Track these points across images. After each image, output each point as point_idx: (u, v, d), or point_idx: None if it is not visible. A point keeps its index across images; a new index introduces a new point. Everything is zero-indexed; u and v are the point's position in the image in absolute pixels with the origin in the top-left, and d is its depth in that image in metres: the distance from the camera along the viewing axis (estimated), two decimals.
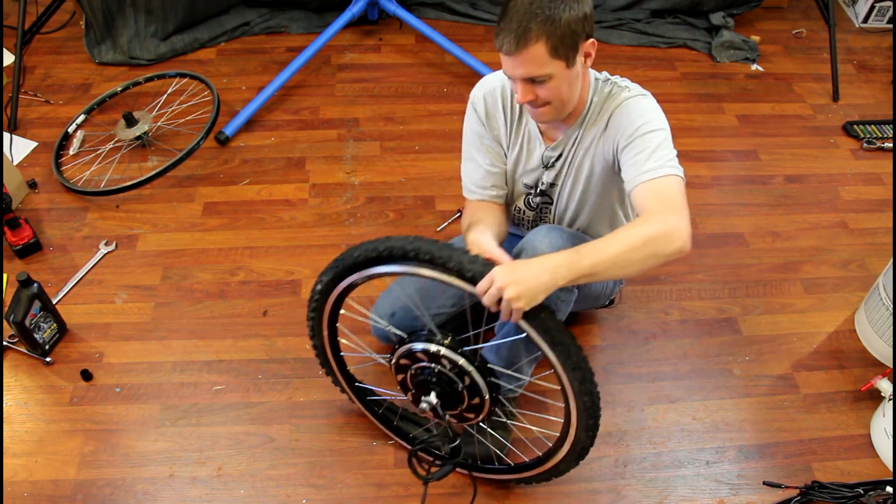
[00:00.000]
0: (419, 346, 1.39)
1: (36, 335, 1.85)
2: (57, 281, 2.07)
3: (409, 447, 1.71)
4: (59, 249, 2.16)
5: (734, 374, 1.94)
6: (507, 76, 1.39)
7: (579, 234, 1.58)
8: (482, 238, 1.44)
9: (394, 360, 1.46)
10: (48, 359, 1.88)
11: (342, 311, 1.55)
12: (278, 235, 2.23)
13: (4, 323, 1.87)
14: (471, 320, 1.50)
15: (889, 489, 1.63)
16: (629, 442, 1.79)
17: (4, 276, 2.05)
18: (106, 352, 1.92)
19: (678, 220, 1.28)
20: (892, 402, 1.73)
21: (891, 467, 1.74)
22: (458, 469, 1.68)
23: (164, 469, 1.69)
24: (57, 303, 2.00)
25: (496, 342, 1.59)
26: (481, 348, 1.39)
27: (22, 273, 1.80)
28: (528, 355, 1.66)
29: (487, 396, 1.40)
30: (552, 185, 1.63)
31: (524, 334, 1.31)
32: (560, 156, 1.56)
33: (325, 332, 1.57)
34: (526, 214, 1.75)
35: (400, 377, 1.48)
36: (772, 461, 1.76)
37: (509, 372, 1.57)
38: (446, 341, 1.38)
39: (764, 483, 1.72)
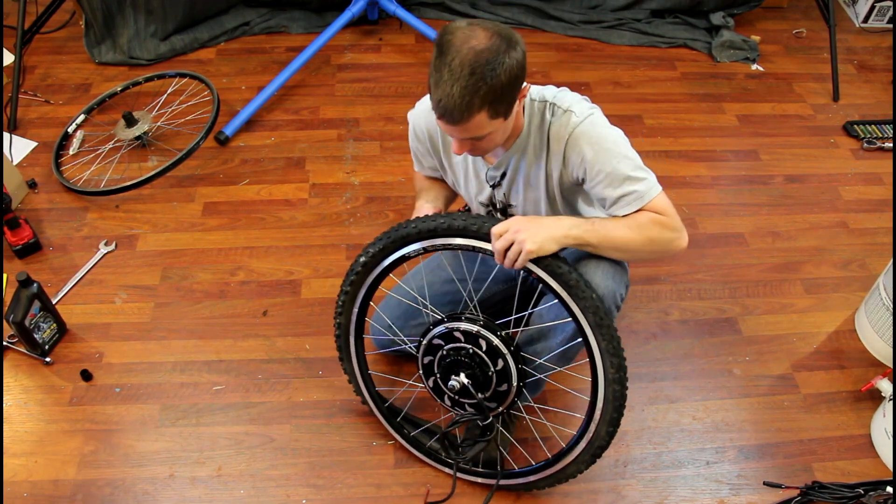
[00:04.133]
0: (462, 325, 1.44)
1: (36, 335, 1.85)
2: (57, 281, 2.07)
3: (407, 446, 1.71)
4: (58, 249, 2.16)
5: (734, 374, 1.94)
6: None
7: (611, 260, 1.55)
8: (425, 207, 1.65)
9: (425, 341, 1.49)
10: (48, 359, 1.88)
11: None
12: (278, 235, 2.23)
13: (4, 323, 1.87)
14: (515, 307, 1.58)
15: (889, 489, 1.63)
16: (629, 442, 1.79)
17: (4, 276, 2.05)
18: (106, 352, 1.91)
19: (680, 234, 1.42)
20: (892, 402, 1.73)
21: (891, 467, 1.74)
22: (460, 476, 1.69)
23: (164, 469, 1.69)
24: (57, 303, 2.00)
25: (534, 327, 1.60)
26: (518, 332, 1.45)
27: (22, 273, 1.80)
28: (557, 341, 1.65)
29: (516, 383, 1.44)
30: (509, 205, 1.61)
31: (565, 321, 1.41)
32: (504, 174, 1.55)
33: (356, 310, 1.58)
34: None
35: (427, 359, 1.52)
36: (772, 461, 1.76)
37: (541, 360, 1.58)
38: (483, 320, 1.44)
39: (764, 483, 1.72)
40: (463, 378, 1.47)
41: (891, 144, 2.63)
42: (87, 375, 1.85)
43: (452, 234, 1.40)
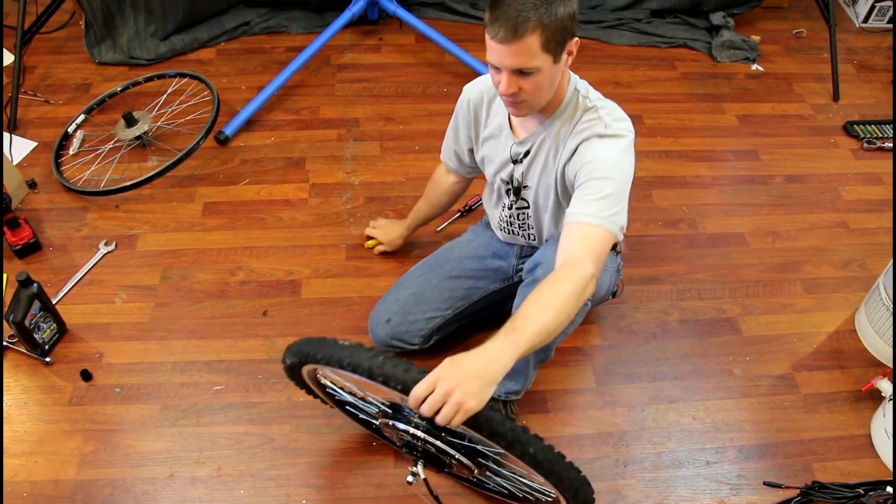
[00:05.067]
0: (400, 426, 1.28)
1: (36, 335, 1.85)
2: (57, 281, 2.07)
3: (412, 469, 1.70)
4: (58, 249, 2.16)
5: (734, 374, 1.94)
6: (492, 66, 1.37)
7: None
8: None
9: (377, 424, 1.41)
10: (48, 359, 1.88)
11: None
12: (278, 235, 2.23)
13: (4, 323, 1.86)
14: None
15: (889, 489, 1.63)
16: (629, 442, 1.79)
17: (4, 276, 2.05)
18: (106, 352, 1.91)
19: (590, 270, 1.29)
20: (892, 402, 1.73)
21: (891, 467, 1.74)
22: (454, 476, 1.68)
23: (163, 469, 1.69)
24: (57, 303, 2.00)
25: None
26: (464, 442, 1.30)
27: (22, 273, 1.80)
28: (536, 360, 1.68)
29: (476, 469, 1.33)
30: (525, 186, 1.63)
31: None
32: (528, 152, 1.56)
33: (311, 386, 1.54)
34: (509, 217, 1.75)
35: (387, 434, 1.42)
36: (772, 461, 1.76)
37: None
38: (424, 425, 1.25)
39: (764, 483, 1.72)
40: (420, 471, 1.34)
41: (891, 144, 2.63)
42: (87, 375, 1.85)
43: (362, 373, 1.18)
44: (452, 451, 1.27)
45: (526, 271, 1.58)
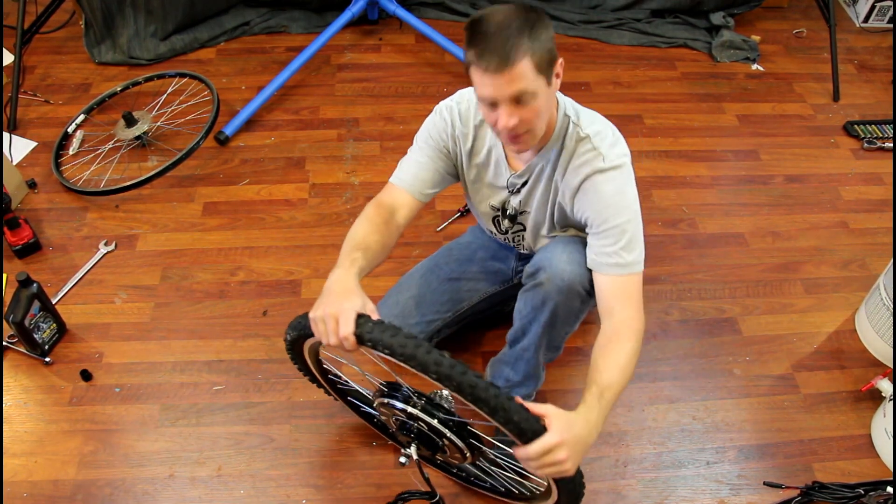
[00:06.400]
0: (397, 404, 1.31)
1: (35, 335, 1.85)
2: (56, 281, 2.07)
3: (405, 451, 1.71)
4: (58, 249, 2.16)
5: (734, 374, 1.94)
6: (485, 105, 1.31)
7: (582, 243, 1.53)
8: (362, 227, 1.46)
9: (374, 405, 1.41)
10: (48, 359, 1.88)
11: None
12: (278, 235, 2.23)
13: (4, 323, 1.86)
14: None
15: (889, 489, 1.63)
16: (629, 442, 1.79)
17: (4, 276, 2.05)
18: (106, 352, 1.91)
19: (641, 320, 1.39)
20: (892, 402, 1.73)
21: (891, 467, 1.74)
22: (452, 477, 1.69)
23: (163, 469, 1.69)
24: (56, 303, 2.00)
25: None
26: (455, 419, 1.31)
27: (21, 273, 1.80)
28: (545, 359, 1.68)
29: (469, 453, 1.34)
30: (523, 212, 1.61)
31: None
32: (526, 182, 1.53)
33: (312, 368, 1.54)
34: (496, 236, 1.74)
35: (383, 417, 1.43)
36: (772, 461, 1.76)
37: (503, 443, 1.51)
38: (421, 403, 1.29)
39: (764, 483, 1.72)
40: (413, 452, 1.34)
41: (891, 144, 2.63)
42: (86, 375, 1.85)
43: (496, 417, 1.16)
44: (445, 430, 1.28)
45: (526, 275, 1.57)
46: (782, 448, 1.79)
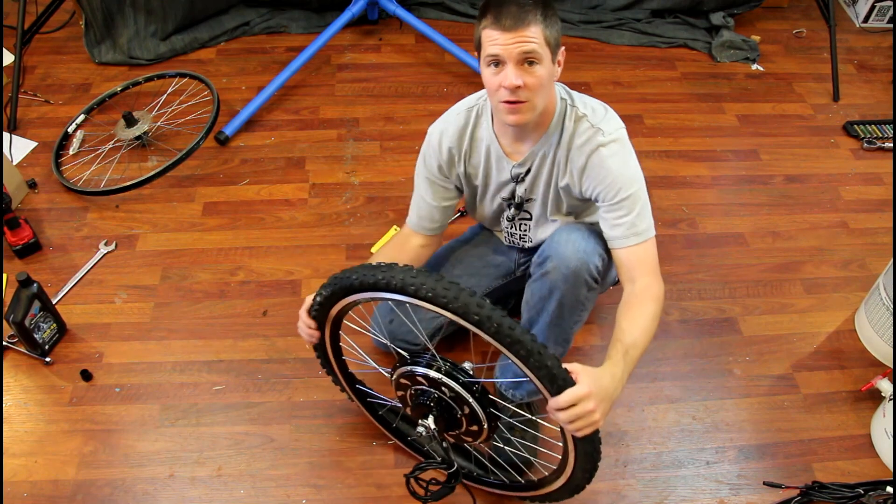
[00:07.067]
0: (419, 370, 1.35)
1: (36, 335, 1.85)
2: (57, 281, 2.07)
3: (405, 448, 1.71)
4: (58, 249, 2.16)
5: (734, 374, 1.94)
6: (490, 63, 1.35)
7: (587, 225, 1.58)
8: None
9: (394, 378, 1.43)
10: (48, 359, 1.88)
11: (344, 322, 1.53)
12: (278, 235, 2.23)
13: (4, 323, 1.87)
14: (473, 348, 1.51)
15: (889, 489, 1.63)
16: (629, 442, 1.79)
17: (4, 276, 2.05)
18: (106, 352, 1.91)
19: (660, 285, 1.48)
20: (892, 402, 1.73)
21: (891, 467, 1.74)
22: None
23: (163, 469, 1.69)
24: (57, 303, 2.00)
25: (500, 378, 1.65)
26: (481, 382, 1.35)
27: (22, 273, 1.80)
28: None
29: (486, 426, 1.37)
30: (529, 199, 1.63)
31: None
32: (529, 170, 1.56)
33: (328, 340, 1.55)
34: (509, 228, 1.75)
35: (400, 394, 1.46)
36: (772, 461, 1.76)
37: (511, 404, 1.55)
38: (445, 367, 1.33)
39: (764, 483, 1.72)
40: (430, 423, 1.37)
41: (891, 144, 2.63)
42: (87, 375, 1.85)
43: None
44: (467, 395, 1.31)
45: (534, 265, 1.59)
46: (782, 448, 1.79)
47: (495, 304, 1.21)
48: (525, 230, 1.71)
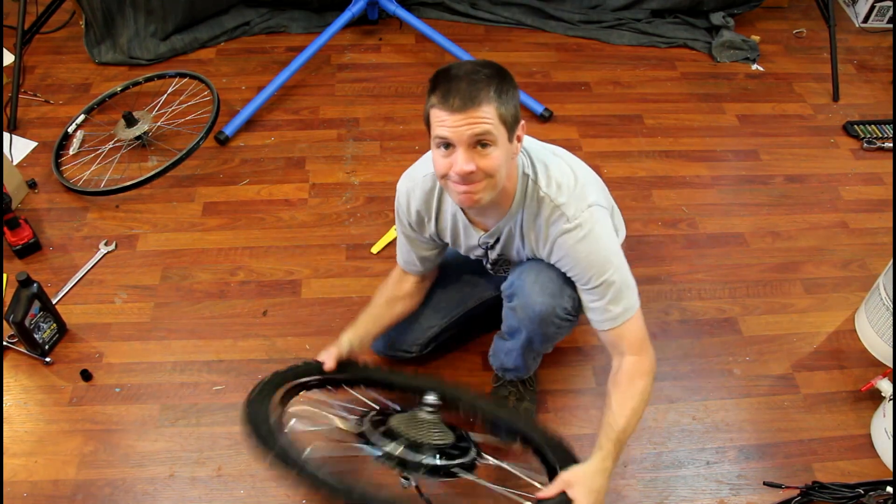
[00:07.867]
0: (377, 452, 1.37)
1: (36, 335, 1.85)
2: (57, 281, 2.07)
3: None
4: (58, 249, 2.16)
5: (734, 374, 1.94)
6: (440, 147, 1.27)
7: (558, 270, 1.47)
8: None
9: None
10: (48, 359, 1.88)
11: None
12: (278, 235, 2.23)
13: (4, 323, 1.86)
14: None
15: (889, 489, 1.63)
16: (629, 442, 1.76)
17: (4, 276, 2.05)
18: (106, 352, 1.91)
19: (650, 358, 1.46)
20: (892, 402, 1.73)
21: (891, 467, 1.74)
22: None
23: (164, 469, 1.69)
24: (57, 303, 2.00)
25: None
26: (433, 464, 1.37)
27: (22, 273, 1.80)
28: (534, 355, 1.70)
29: (467, 458, 1.39)
30: (502, 255, 1.58)
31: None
32: (498, 240, 1.51)
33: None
34: (488, 268, 1.71)
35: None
36: (772, 461, 1.76)
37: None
38: (399, 451, 1.35)
39: (764, 483, 1.72)
40: (412, 482, 1.41)
41: (891, 144, 2.63)
42: (87, 375, 1.85)
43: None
44: (433, 462, 1.35)
45: (504, 293, 1.57)
46: (782, 448, 1.79)
47: (486, 311, 1.21)
48: (508, 270, 1.67)
